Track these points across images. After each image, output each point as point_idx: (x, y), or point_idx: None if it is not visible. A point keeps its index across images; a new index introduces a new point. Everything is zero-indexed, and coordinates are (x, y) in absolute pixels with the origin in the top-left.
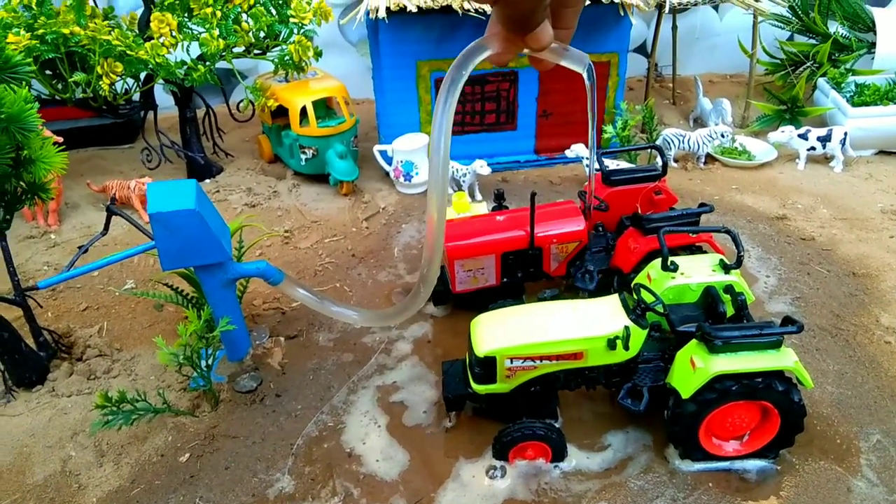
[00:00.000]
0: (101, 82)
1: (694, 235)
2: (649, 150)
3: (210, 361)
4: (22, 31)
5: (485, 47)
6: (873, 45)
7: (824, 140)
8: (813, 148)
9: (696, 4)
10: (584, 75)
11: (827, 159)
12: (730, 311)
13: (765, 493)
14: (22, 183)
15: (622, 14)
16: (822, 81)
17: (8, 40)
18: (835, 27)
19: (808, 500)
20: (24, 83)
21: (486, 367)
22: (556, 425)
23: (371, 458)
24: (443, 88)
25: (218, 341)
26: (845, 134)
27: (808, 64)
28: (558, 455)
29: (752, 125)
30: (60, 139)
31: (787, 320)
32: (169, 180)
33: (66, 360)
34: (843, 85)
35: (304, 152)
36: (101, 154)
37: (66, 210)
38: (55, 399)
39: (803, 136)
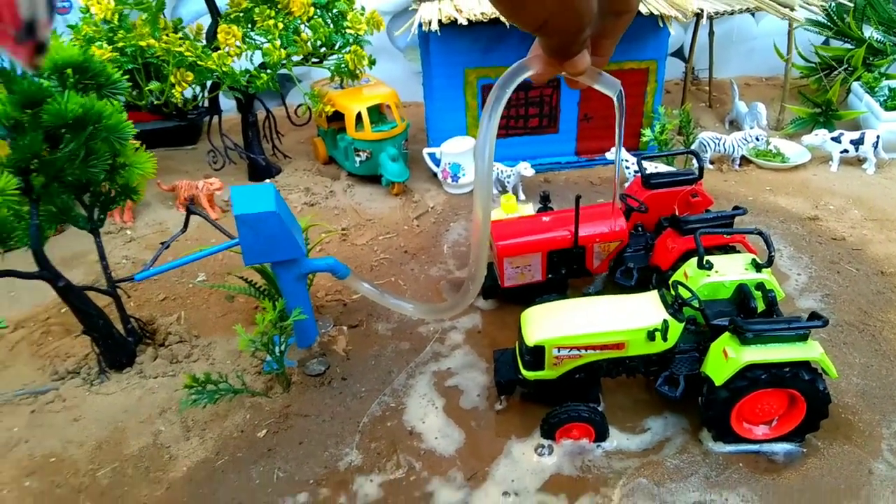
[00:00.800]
0: (173, 90)
1: (728, 237)
2: (686, 154)
3: (283, 348)
4: (104, 45)
5: (527, 68)
6: None
7: (857, 143)
8: (846, 151)
9: (732, 13)
10: (615, 100)
11: (860, 161)
12: (761, 306)
13: (791, 473)
14: (116, 185)
15: (661, 25)
16: (856, 85)
17: (91, 52)
18: (870, 32)
19: (832, 480)
20: (120, 97)
21: (536, 356)
22: (599, 409)
23: (430, 436)
24: (488, 104)
25: (290, 329)
26: (878, 137)
27: (843, 68)
28: (601, 436)
29: (786, 128)
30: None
31: (814, 315)
32: (250, 184)
33: (151, 346)
34: (876, 89)
35: (358, 155)
36: (168, 155)
37: (139, 208)
38: (143, 380)
39: (836, 140)
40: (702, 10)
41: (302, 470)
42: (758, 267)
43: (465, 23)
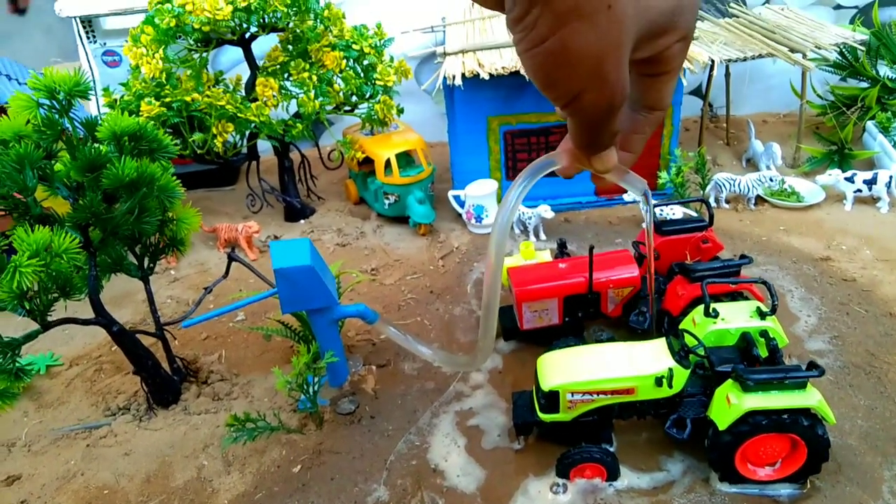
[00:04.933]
0: (215, 140)
1: (734, 286)
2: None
3: (316, 388)
4: (153, 100)
5: (553, 162)
6: None
7: (870, 183)
8: (859, 190)
9: (744, 59)
10: (641, 201)
11: (874, 200)
12: (764, 353)
13: None
14: (165, 238)
15: None
16: (870, 125)
17: (142, 108)
18: (885, 71)
19: None
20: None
21: (551, 400)
22: (611, 449)
23: (452, 474)
24: (513, 192)
25: (323, 370)
26: (890, 177)
27: (857, 107)
28: (612, 475)
29: (802, 166)
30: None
31: (812, 365)
32: (287, 240)
33: (194, 383)
34: (890, 129)
35: (387, 198)
36: (207, 196)
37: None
38: (188, 416)
39: (850, 179)
40: (712, 61)
41: None
42: (762, 315)
43: (486, 77)
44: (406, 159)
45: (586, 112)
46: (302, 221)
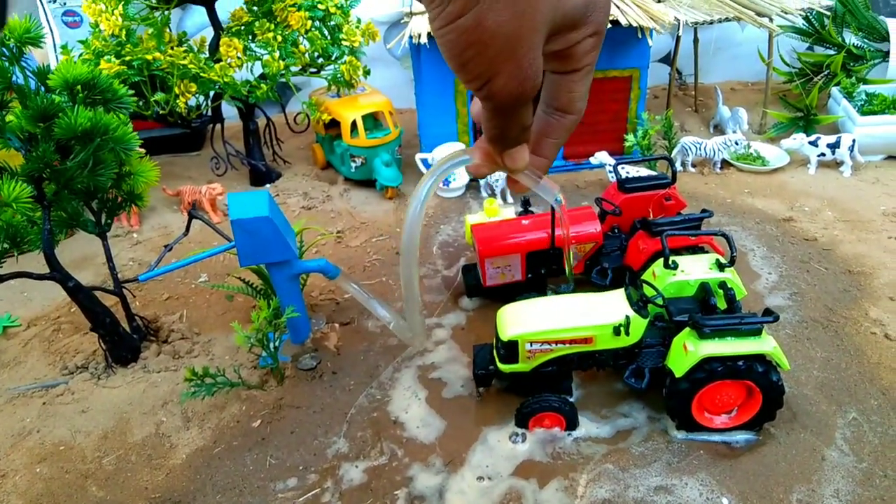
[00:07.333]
0: (178, 101)
1: (694, 238)
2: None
3: (277, 343)
4: (112, 58)
5: (468, 158)
6: (888, 54)
7: (833, 146)
8: (823, 154)
9: (711, 23)
10: (555, 206)
11: (837, 164)
12: (722, 304)
13: (749, 459)
14: (122, 192)
15: (640, 36)
16: (835, 91)
17: (101, 66)
18: (850, 38)
19: (786, 466)
20: (126, 111)
21: (510, 350)
22: (570, 399)
23: (412, 425)
24: (425, 182)
25: (284, 326)
26: (853, 141)
27: (823, 74)
28: (571, 425)
29: (768, 132)
30: (143, 151)
31: (767, 312)
32: (245, 191)
33: (154, 342)
34: (854, 94)
35: (354, 161)
36: (172, 161)
37: (145, 213)
38: (147, 374)
39: (813, 143)
40: (678, 21)
41: (292, 457)
42: (721, 267)
43: None
44: (373, 121)
45: (498, 98)
46: (268, 185)
